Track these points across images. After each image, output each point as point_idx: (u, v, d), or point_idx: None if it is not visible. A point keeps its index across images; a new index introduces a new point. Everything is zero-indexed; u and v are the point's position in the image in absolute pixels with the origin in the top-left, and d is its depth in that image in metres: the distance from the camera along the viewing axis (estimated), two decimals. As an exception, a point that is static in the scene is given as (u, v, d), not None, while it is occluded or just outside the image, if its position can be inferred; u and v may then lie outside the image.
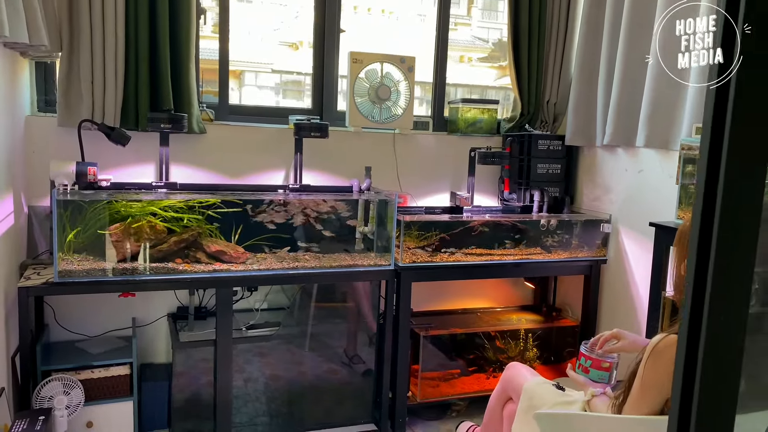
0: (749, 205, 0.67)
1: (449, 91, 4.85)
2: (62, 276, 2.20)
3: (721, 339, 0.67)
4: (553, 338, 3.19)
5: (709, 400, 0.68)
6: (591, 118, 2.99)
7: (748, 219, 0.68)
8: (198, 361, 2.57)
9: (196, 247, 2.42)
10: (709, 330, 0.67)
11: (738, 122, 0.65)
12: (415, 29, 3.70)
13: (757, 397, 1.37)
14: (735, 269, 0.67)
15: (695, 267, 0.68)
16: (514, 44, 3.15)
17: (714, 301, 0.67)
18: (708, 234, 0.68)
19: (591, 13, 2.97)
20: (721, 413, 0.69)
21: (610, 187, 2.97)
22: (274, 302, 2.90)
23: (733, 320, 0.67)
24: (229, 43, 2.85)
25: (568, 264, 2.97)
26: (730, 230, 0.67)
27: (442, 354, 3.02)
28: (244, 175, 2.84)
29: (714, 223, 0.67)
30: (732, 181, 0.66)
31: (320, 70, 3.06)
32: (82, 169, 2.35)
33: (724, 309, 0.67)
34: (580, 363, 1.76)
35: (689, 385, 0.70)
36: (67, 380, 2.31)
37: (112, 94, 2.49)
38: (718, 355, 0.68)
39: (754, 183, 0.67)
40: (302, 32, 3.24)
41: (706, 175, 0.67)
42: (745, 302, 0.68)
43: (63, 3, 2.41)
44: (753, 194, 0.67)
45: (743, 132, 0.65)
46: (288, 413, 2.71)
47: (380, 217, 2.69)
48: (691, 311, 0.69)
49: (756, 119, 0.66)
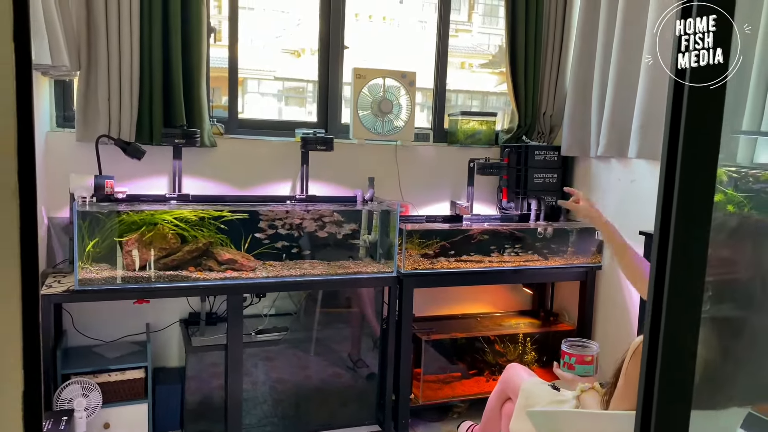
0: (701, 216, 0.79)
1: (451, 97, 4.94)
2: (82, 284, 2.32)
3: (675, 340, 0.78)
4: (551, 342, 3.29)
5: (666, 392, 0.79)
6: (585, 130, 3.11)
7: (699, 234, 0.79)
8: (209, 365, 2.68)
9: (208, 255, 2.54)
10: (666, 333, 0.78)
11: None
12: (416, 35, 3.79)
13: (736, 396, 1.49)
14: (687, 279, 0.78)
15: (655, 277, 0.80)
16: (511, 58, 3.28)
17: (670, 304, 0.78)
18: (665, 245, 0.79)
19: (585, 29, 3.10)
20: (678, 402, 0.80)
21: (604, 196, 3.09)
22: (281, 308, 3.01)
23: (685, 324, 0.78)
24: (238, 60, 2.98)
25: (565, 270, 3.08)
26: (683, 244, 0.78)
27: (444, 357, 3.13)
28: (252, 186, 2.96)
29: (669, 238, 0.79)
30: (685, 186, 0.77)
31: (325, 84, 3.18)
32: (100, 182, 2.48)
33: (678, 312, 0.78)
34: (565, 361, 1.87)
35: (651, 380, 0.81)
36: (85, 383, 2.43)
37: (128, 110, 2.62)
38: (674, 353, 0.79)
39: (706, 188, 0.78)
40: (304, 40, 3.33)
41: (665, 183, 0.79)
42: (698, 305, 0.79)
43: (81, 24, 2.54)
44: (704, 206, 0.78)
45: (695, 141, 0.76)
46: (295, 415, 2.82)
47: (383, 225, 2.81)
48: (653, 315, 0.80)
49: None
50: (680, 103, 0.77)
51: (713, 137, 0.78)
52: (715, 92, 0.77)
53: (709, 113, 0.77)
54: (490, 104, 4.55)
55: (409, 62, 3.35)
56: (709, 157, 0.79)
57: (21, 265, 0.53)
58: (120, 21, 2.55)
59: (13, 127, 0.50)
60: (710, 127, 0.77)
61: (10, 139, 0.50)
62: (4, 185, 0.51)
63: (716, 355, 1.40)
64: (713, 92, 0.76)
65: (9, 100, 0.53)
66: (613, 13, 2.87)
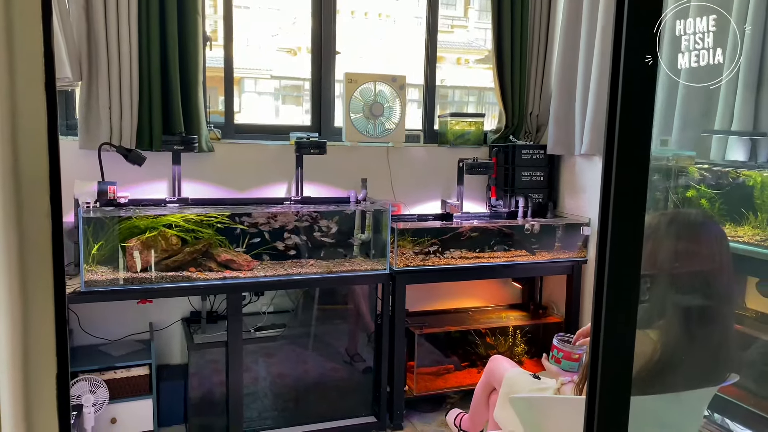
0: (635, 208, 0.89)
1: (447, 93, 5.00)
2: (88, 285, 2.43)
3: (615, 324, 0.89)
4: (541, 334, 3.41)
5: (608, 378, 0.91)
6: (570, 128, 3.22)
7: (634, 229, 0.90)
8: (211, 361, 2.79)
9: (207, 256, 2.66)
10: (607, 322, 0.89)
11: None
12: (412, 31, 3.83)
13: (701, 378, 1.60)
14: (624, 273, 0.89)
15: (597, 270, 0.91)
16: (498, 61, 3.39)
17: (609, 297, 0.89)
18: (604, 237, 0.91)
19: (568, 31, 3.21)
20: (618, 385, 0.91)
21: (589, 192, 3.20)
22: (279, 305, 3.13)
23: (623, 315, 0.89)
24: (233, 60, 3.07)
25: (552, 265, 3.20)
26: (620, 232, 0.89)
27: (437, 350, 3.25)
28: (249, 189, 3.07)
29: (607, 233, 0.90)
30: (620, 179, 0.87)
31: (318, 88, 3.29)
32: (103, 188, 2.59)
33: (617, 302, 0.90)
34: (553, 354, 1.97)
35: (595, 366, 0.93)
36: (92, 380, 2.55)
37: (128, 118, 2.73)
38: (614, 339, 0.90)
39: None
40: (300, 38, 3.39)
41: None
42: (635, 293, 0.90)
43: (82, 36, 2.65)
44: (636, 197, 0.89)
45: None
46: (294, 408, 2.93)
47: (376, 225, 2.93)
48: (595, 306, 0.92)
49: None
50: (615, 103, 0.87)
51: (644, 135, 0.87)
52: (645, 93, 0.86)
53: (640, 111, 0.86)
54: (486, 100, 4.61)
55: (405, 59, 3.42)
56: (641, 152, 0.88)
57: (54, 271, 0.64)
58: (119, 33, 2.66)
59: (45, 161, 0.62)
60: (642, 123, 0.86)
61: (44, 172, 0.61)
62: (40, 209, 0.62)
63: (679, 341, 1.51)
64: (643, 92, 0.86)
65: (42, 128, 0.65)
66: (594, 16, 2.98)
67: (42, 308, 0.63)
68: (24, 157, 0.61)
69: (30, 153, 0.62)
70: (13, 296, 0.60)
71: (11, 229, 0.60)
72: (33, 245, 0.62)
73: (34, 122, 0.63)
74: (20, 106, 0.61)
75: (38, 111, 0.62)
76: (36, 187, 0.63)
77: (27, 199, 0.63)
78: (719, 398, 2.02)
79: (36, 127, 0.62)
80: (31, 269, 0.61)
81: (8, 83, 0.60)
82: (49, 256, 0.63)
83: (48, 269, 0.63)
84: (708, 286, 1.56)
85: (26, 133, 0.61)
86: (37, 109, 0.62)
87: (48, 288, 0.63)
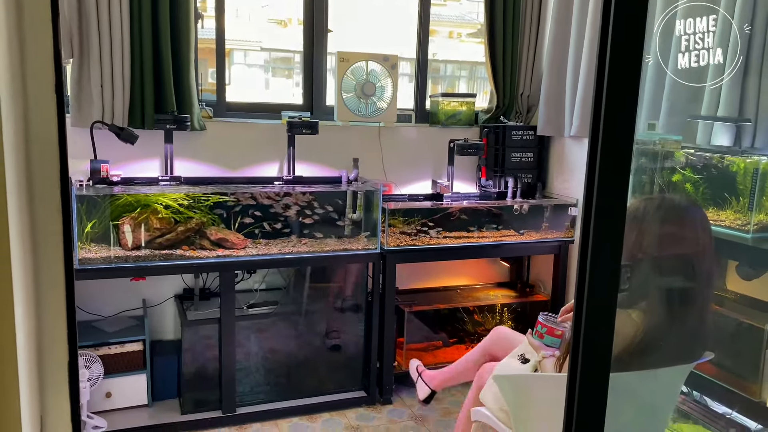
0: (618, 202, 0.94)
1: (439, 68, 4.96)
2: (82, 263, 2.46)
3: (598, 298, 0.94)
4: (527, 312, 3.49)
5: (588, 354, 0.96)
6: (560, 110, 3.25)
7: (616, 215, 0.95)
8: (204, 338, 2.84)
9: (200, 235, 2.69)
10: (589, 302, 0.94)
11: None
12: (406, 5, 3.76)
13: (678, 356, 1.67)
14: (606, 257, 0.94)
15: (579, 258, 0.95)
16: (490, 41, 3.39)
17: (592, 276, 0.94)
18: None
19: (560, 12, 3.21)
20: (599, 361, 0.96)
21: (577, 174, 3.25)
22: (271, 283, 3.17)
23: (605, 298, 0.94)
24: (225, 34, 3.05)
25: (540, 244, 3.26)
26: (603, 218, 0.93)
27: (426, 327, 3.32)
28: (241, 168, 3.09)
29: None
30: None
31: (309, 64, 3.29)
32: (95, 167, 2.60)
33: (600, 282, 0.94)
34: (537, 330, 2.03)
35: (577, 344, 0.98)
36: (87, 356, 2.60)
37: (120, 96, 2.73)
38: (596, 312, 0.95)
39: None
40: (291, 9, 3.34)
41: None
42: (616, 272, 0.95)
43: (73, 13, 2.63)
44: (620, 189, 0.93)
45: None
46: (286, 383, 3.00)
47: (367, 204, 2.96)
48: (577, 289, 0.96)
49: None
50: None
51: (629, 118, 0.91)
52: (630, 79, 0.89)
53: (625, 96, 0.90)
54: (478, 74, 4.61)
55: (397, 33, 3.40)
56: (625, 134, 0.92)
57: (64, 262, 0.67)
58: (110, 10, 2.64)
59: (56, 159, 0.65)
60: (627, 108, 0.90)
61: (55, 170, 0.64)
62: (52, 202, 0.65)
63: (661, 322, 1.57)
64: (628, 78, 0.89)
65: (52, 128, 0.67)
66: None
67: (54, 301, 0.67)
68: (34, 160, 0.64)
69: (42, 156, 0.64)
70: (28, 289, 0.64)
71: (25, 225, 0.64)
72: (45, 240, 0.66)
73: (46, 129, 0.65)
74: (32, 110, 0.63)
75: (49, 116, 0.64)
76: (47, 183, 0.66)
77: (38, 194, 0.66)
78: (697, 376, 2.10)
79: (47, 135, 0.65)
80: (44, 266, 0.64)
81: (22, 92, 0.63)
82: (60, 253, 0.66)
83: (59, 264, 0.66)
84: (690, 269, 1.62)
85: (39, 138, 0.64)
86: (49, 113, 0.64)
87: (60, 282, 0.66)
